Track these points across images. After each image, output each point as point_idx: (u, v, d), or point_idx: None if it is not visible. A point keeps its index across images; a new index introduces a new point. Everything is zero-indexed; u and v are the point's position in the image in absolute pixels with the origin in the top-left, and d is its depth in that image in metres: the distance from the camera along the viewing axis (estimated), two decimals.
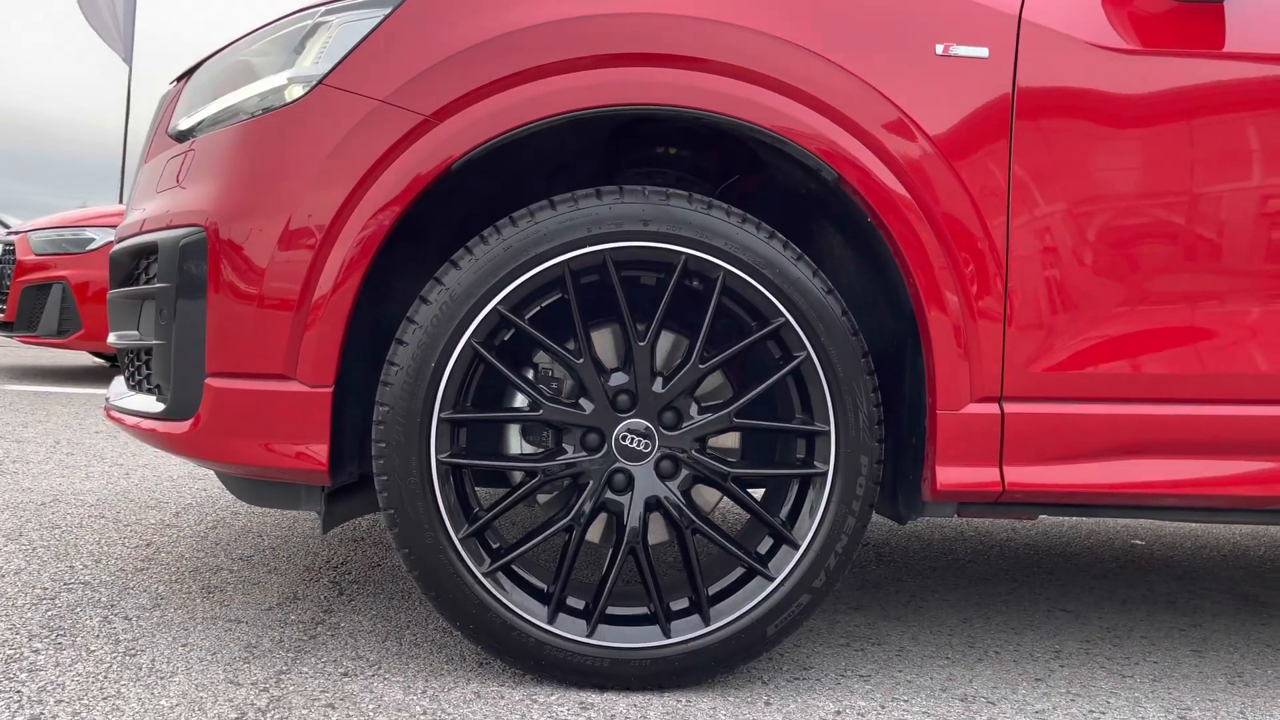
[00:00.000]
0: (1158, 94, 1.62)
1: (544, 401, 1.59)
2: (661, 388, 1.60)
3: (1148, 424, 1.67)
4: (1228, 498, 1.71)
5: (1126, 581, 2.46)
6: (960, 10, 1.61)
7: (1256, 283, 1.66)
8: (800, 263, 1.60)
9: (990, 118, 1.60)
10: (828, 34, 1.58)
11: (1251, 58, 1.63)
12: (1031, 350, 1.63)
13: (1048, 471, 1.66)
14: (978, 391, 1.63)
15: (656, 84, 1.55)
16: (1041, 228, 1.61)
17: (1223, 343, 1.67)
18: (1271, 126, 1.64)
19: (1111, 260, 1.63)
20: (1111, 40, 1.62)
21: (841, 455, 1.61)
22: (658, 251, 1.57)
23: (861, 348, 1.62)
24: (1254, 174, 1.65)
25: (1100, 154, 1.62)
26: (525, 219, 1.56)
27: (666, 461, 1.62)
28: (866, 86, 1.57)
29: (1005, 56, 1.61)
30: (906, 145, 1.58)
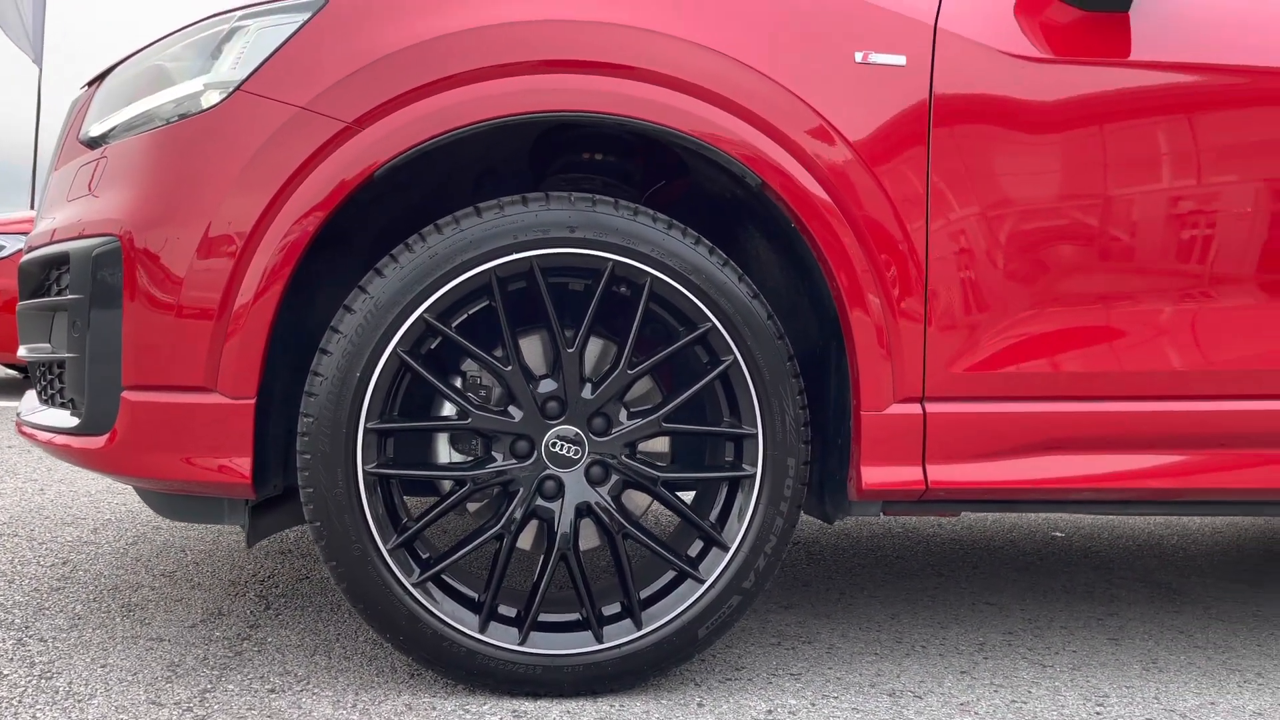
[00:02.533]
0: (1068, 100, 1.68)
1: (472, 410, 1.58)
2: (591, 394, 1.61)
3: (1064, 421, 1.72)
4: (1140, 490, 1.77)
5: (1047, 573, 2.53)
6: (878, 19, 1.64)
7: (1165, 282, 1.72)
8: (726, 268, 1.62)
9: (908, 123, 1.64)
10: (750, 41, 1.60)
11: (1155, 66, 1.69)
12: (952, 351, 1.67)
13: (969, 469, 1.70)
14: (900, 392, 1.67)
15: (580, 90, 1.55)
16: (959, 230, 1.65)
17: (1135, 341, 1.73)
18: (1176, 131, 1.70)
19: (1026, 262, 1.68)
20: (1024, 49, 1.67)
21: (769, 457, 1.63)
22: (585, 258, 1.57)
23: (787, 351, 1.64)
24: (1162, 177, 1.71)
25: (1014, 158, 1.67)
26: (451, 226, 1.55)
27: (597, 467, 1.62)
28: (788, 93, 1.60)
29: (922, 64, 1.64)
30: (828, 150, 1.61)
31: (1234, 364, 1.75)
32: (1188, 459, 1.78)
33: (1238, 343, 1.75)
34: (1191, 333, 1.74)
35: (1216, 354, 1.75)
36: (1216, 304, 1.74)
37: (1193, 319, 1.73)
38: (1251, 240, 1.73)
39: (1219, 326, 1.74)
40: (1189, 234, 1.72)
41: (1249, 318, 1.75)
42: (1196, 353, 1.74)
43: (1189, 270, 1.73)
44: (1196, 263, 1.73)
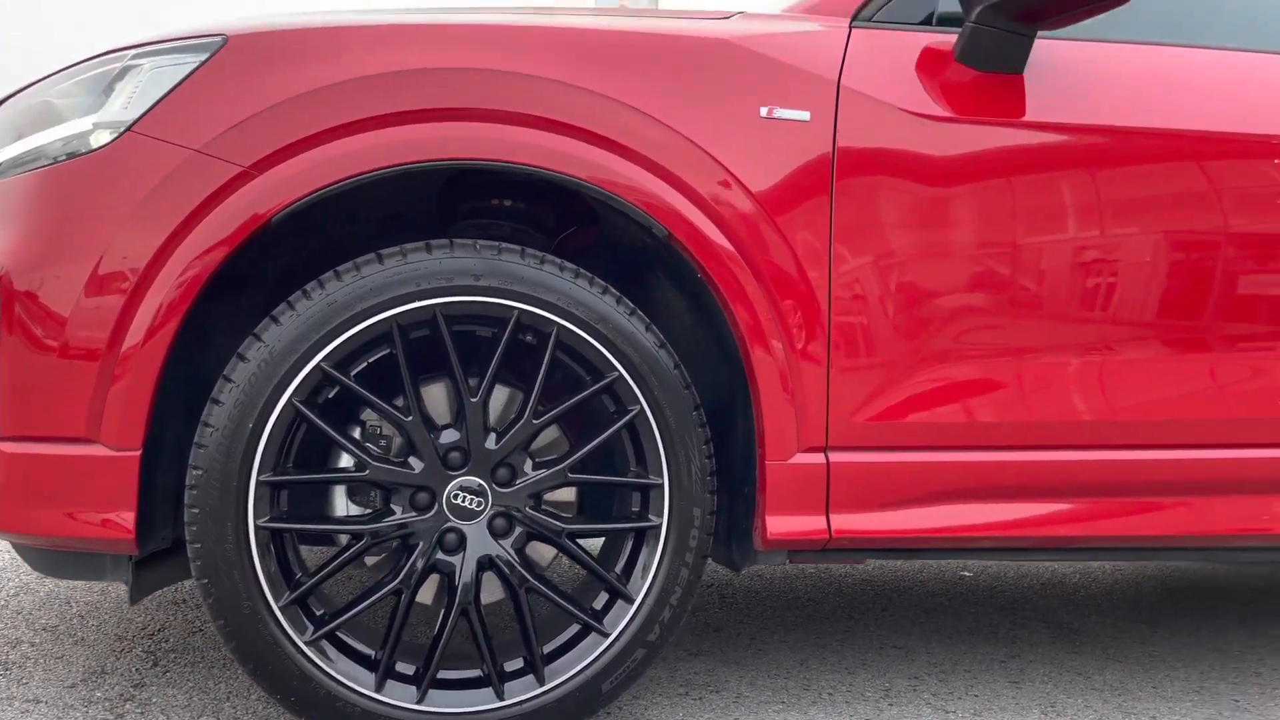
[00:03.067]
0: (965, 156, 1.72)
1: (370, 461, 1.54)
2: (495, 444, 1.58)
3: (965, 470, 1.75)
4: (1040, 538, 1.81)
5: (954, 614, 2.56)
6: (783, 76, 1.67)
7: (1062, 334, 1.77)
8: (634, 317, 1.61)
9: (812, 176, 1.66)
10: (658, 96, 1.61)
11: (1046, 126, 1.75)
12: (855, 400, 1.69)
13: (872, 518, 1.72)
14: (805, 442, 1.68)
15: (486, 139, 1.54)
16: (861, 281, 1.68)
17: (1033, 391, 1.77)
18: (1067, 187, 1.76)
19: (926, 312, 1.71)
20: (923, 106, 1.71)
21: (675, 508, 1.62)
22: (490, 306, 1.56)
23: (694, 400, 1.64)
24: (1056, 231, 1.76)
25: (915, 212, 1.70)
26: (351, 273, 1.52)
27: (500, 519, 1.60)
28: (695, 147, 1.61)
29: (826, 120, 1.67)
30: (732, 202, 1.62)
31: (1128, 414, 1.80)
32: (1086, 507, 1.82)
33: (1132, 393, 1.81)
34: (1088, 383, 1.79)
35: (1112, 404, 1.80)
36: (1111, 355, 1.79)
37: (1089, 369, 1.78)
38: (1142, 293, 1.79)
39: (1114, 377, 1.80)
40: (1084, 287, 1.78)
41: (1142, 368, 1.81)
42: (1093, 402, 1.79)
43: (1084, 322, 1.78)
44: (1091, 315, 1.78)
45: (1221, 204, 1.81)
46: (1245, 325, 1.85)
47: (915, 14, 1.81)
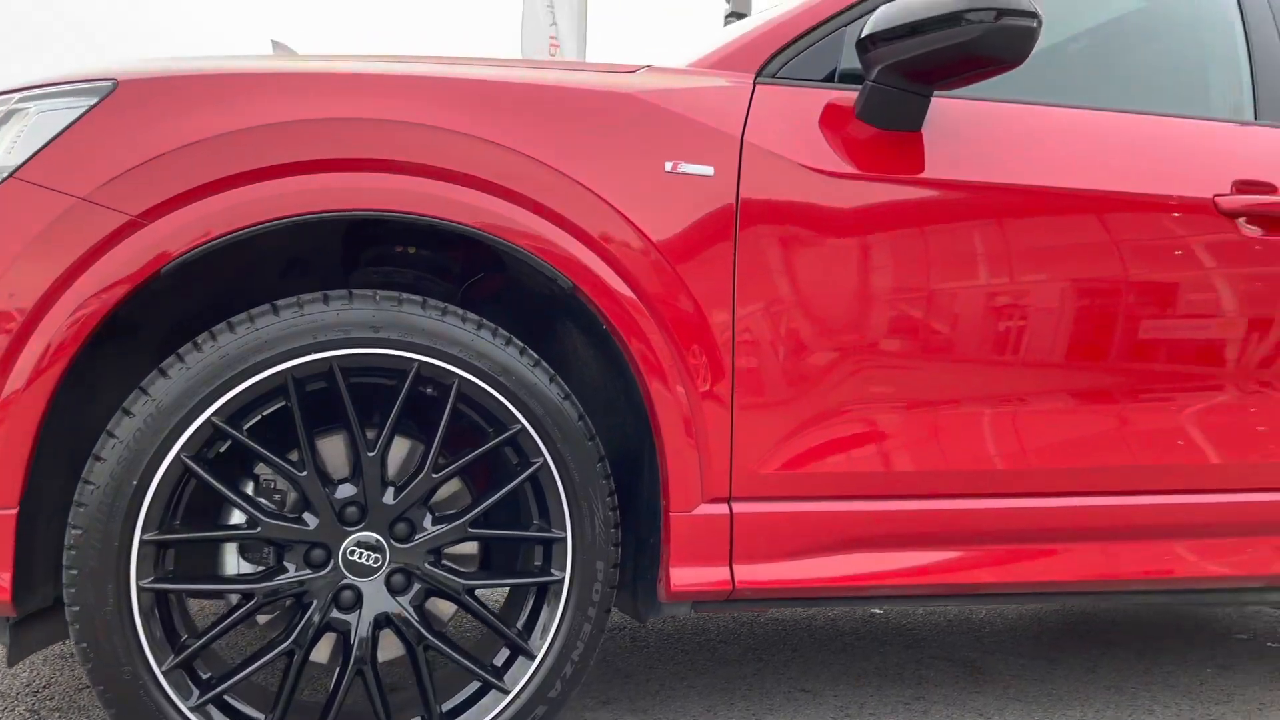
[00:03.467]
0: (865, 210, 1.76)
1: (261, 518, 1.50)
2: (393, 498, 1.55)
3: (866, 519, 1.78)
4: (940, 586, 1.84)
5: (862, 654, 2.59)
6: (688, 132, 1.68)
7: (958, 383, 1.81)
8: (537, 369, 1.60)
9: (716, 229, 1.68)
10: (563, 148, 1.61)
11: (942, 184, 1.80)
12: (759, 451, 1.71)
13: (775, 569, 1.73)
14: (709, 493, 1.69)
15: (388, 191, 1.52)
16: (764, 334, 1.70)
17: (932, 440, 1.80)
18: (962, 241, 1.80)
19: (828, 364, 1.74)
20: (824, 162, 1.75)
21: (578, 562, 1.61)
22: (389, 359, 1.53)
23: (598, 452, 1.63)
24: (954, 282, 1.81)
25: (817, 265, 1.73)
26: (244, 325, 1.48)
27: (398, 575, 1.57)
28: (599, 199, 1.61)
29: (729, 174, 1.69)
30: (637, 254, 1.63)
31: (1029, 462, 1.85)
32: (989, 554, 1.86)
33: (1032, 441, 1.86)
34: (989, 431, 1.83)
35: (1013, 452, 1.84)
36: (1010, 404, 1.84)
37: (989, 418, 1.83)
38: (1038, 344, 1.84)
39: (1014, 426, 1.84)
40: (981, 337, 1.82)
41: (1042, 418, 1.86)
42: (994, 451, 1.83)
43: (983, 372, 1.83)
44: (989, 364, 1.83)
45: (1110, 259, 1.88)
46: (1141, 376, 1.91)
47: (819, 71, 1.85)
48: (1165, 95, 2.15)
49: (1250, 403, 1.99)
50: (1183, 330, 1.93)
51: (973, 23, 1.66)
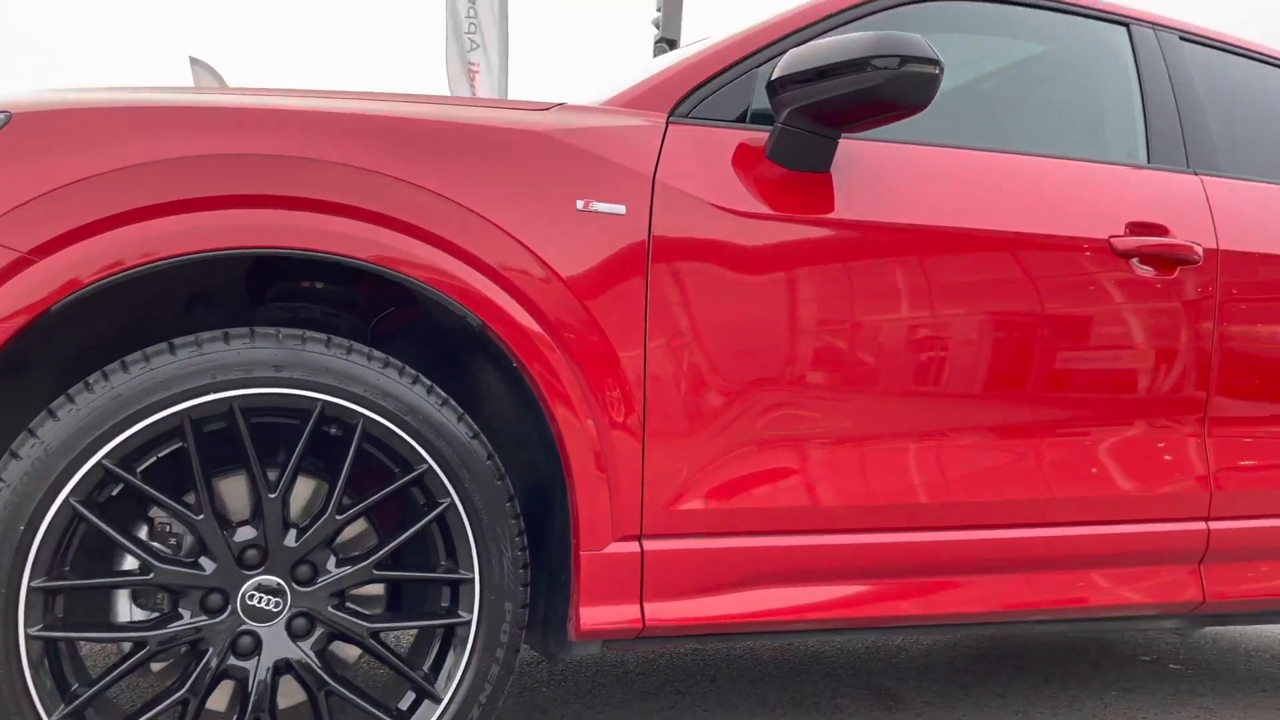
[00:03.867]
0: (774, 248, 1.78)
1: (155, 563, 1.45)
2: (295, 541, 1.52)
3: (776, 555, 1.79)
4: (849, 620, 1.86)
5: (780, 683, 2.61)
6: (600, 171, 1.69)
7: (869, 419, 1.84)
8: (445, 407, 1.59)
9: (628, 267, 1.69)
10: (475, 188, 1.61)
11: (849, 225, 1.83)
12: (670, 488, 1.71)
13: (687, 606, 1.73)
14: (620, 530, 1.69)
15: (283, 227, 1.50)
16: (676, 373, 1.71)
17: (845, 475, 1.83)
18: (869, 280, 1.84)
19: (739, 400, 1.75)
20: (735, 202, 1.77)
21: (486, 603, 1.60)
22: (292, 398, 1.51)
23: (508, 492, 1.62)
24: (861, 320, 1.84)
25: (728, 304, 1.75)
26: (139, 364, 1.45)
27: (300, 619, 1.53)
28: (509, 237, 1.61)
29: (641, 213, 1.71)
30: (548, 292, 1.63)
31: (940, 496, 1.89)
32: (902, 588, 1.90)
33: (942, 476, 1.89)
34: (900, 467, 1.87)
35: (923, 487, 1.88)
36: (919, 440, 1.88)
37: (899, 454, 1.86)
38: (946, 380, 1.89)
39: (924, 461, 1.88)
40: (889, 374, 1.86)
41: (951, 453, 1.90)
42: (905, 486, 1.87)
43: (892, 408, 1.86)
44: (897, 401, 1.87)
45: (1011, 298, 1.94)
46: (1040, 411, 1.97)
47: (731, 112, 1.88)
48: (1064, 138, 2.23)
49: (1149, 436, 2.06)
50: (1079, 366, 1.99)
51: (878, 69, 1.70)
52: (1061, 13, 2.28)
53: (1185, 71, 2.33)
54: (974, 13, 2.21)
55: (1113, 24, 2.33)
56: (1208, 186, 2.18)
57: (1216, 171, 2.23)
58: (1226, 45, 2.46)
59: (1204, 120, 2.29)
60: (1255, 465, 2.15)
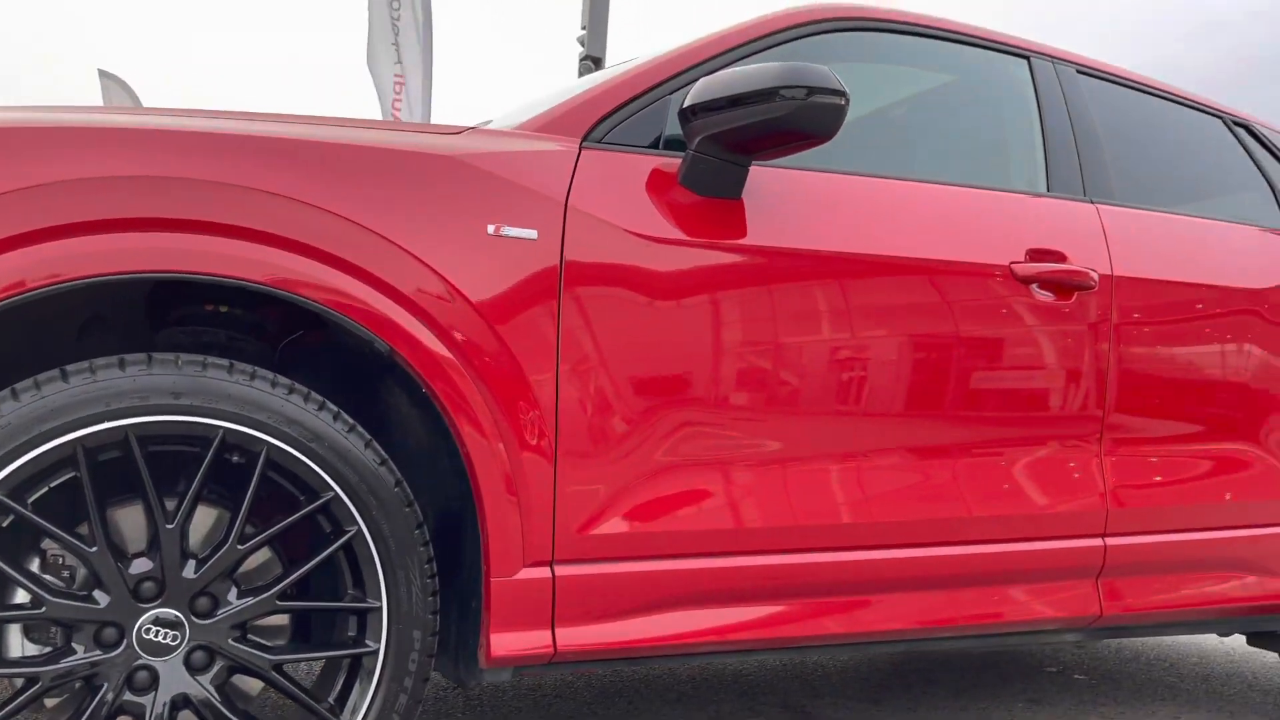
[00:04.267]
0: (685, 274, 1.80)
1: (46, 596, 1.40)
2: (194, 572, 1.49)
3: (693, 577, 1.80)
4: (760, 640, 1.88)
5: (698, 703, 2.62)
6: (511, 196, 1.69)
7: (778, 441, 1.86)
8: (352, 434, 1.57)
9: (539, 292, 1.69)
10: (381, 212, 1.59)
11: (760, 251, 1.86)
12: (582, 513, 1.71)
13: (599, 630, 1.73)
14: (531, 556, 1.68)
15: (187, 251, 1.46)
16: (588, 398, 1.71)
17: (757, 497, 1.85)
18: (778, 304, 1.86)
19: (651, 423, 1.76)
20: (647, 228, 1.78)
21: (394, 631, 1.57)
22: (192, 426, 1.47)
23: (416, 518, 1.61)
24: (772, 344, 1.86)
25: (639, 328, 1.76)
26: (30, 392, 1.40)
27: (199, 652, 1.49)
28: (418, 262, 1.60)
29: (553, 238, 1.71)
30: (458, 317, 1.62)
31: (851, 517, 1.92)
32: (814, 607, 1.92)
33: (852, 496, 1.93)
34: (809, 488, 1.89)
35: (832, 508, 1.91)
36: (827, 461, 1.91)
37: (808, 475, 1.89)
38: (856, 403, 1.92)
39: (833, 482, 1.91)
40: (799, 397, 1.89)
41: (860, 474, 1.93)
42: (814, 507, 1.89)
43: (800, 429, 1.89)
44: (806, 422, 1.89)
45: (917, 322, 1.98)
46: (953, 432, 2.02)
47: (644, 137, 1.90)
48: (968, 167, 2.30)
49: (1050, 455, 2.13)
50: (983, 389, 2.05)
51: (786, 99, 1.73)
52: (965, 45, 2.35)
53: (1082, 104, 2.43)
54: (881, 43, 2.27)
55: (1014, 57, 2.41)
56: (1103, 215, 2.27)
57: (1111, 200, 2.33)
58: (1120, 79, 2.57)
59: (1099, 150, 2.38)
60: (1150, 483, 2.24)
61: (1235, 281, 2.38)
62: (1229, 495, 2.32)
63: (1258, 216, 2.66)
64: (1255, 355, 2.36)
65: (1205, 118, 2.76)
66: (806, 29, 2.12)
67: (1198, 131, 2.73)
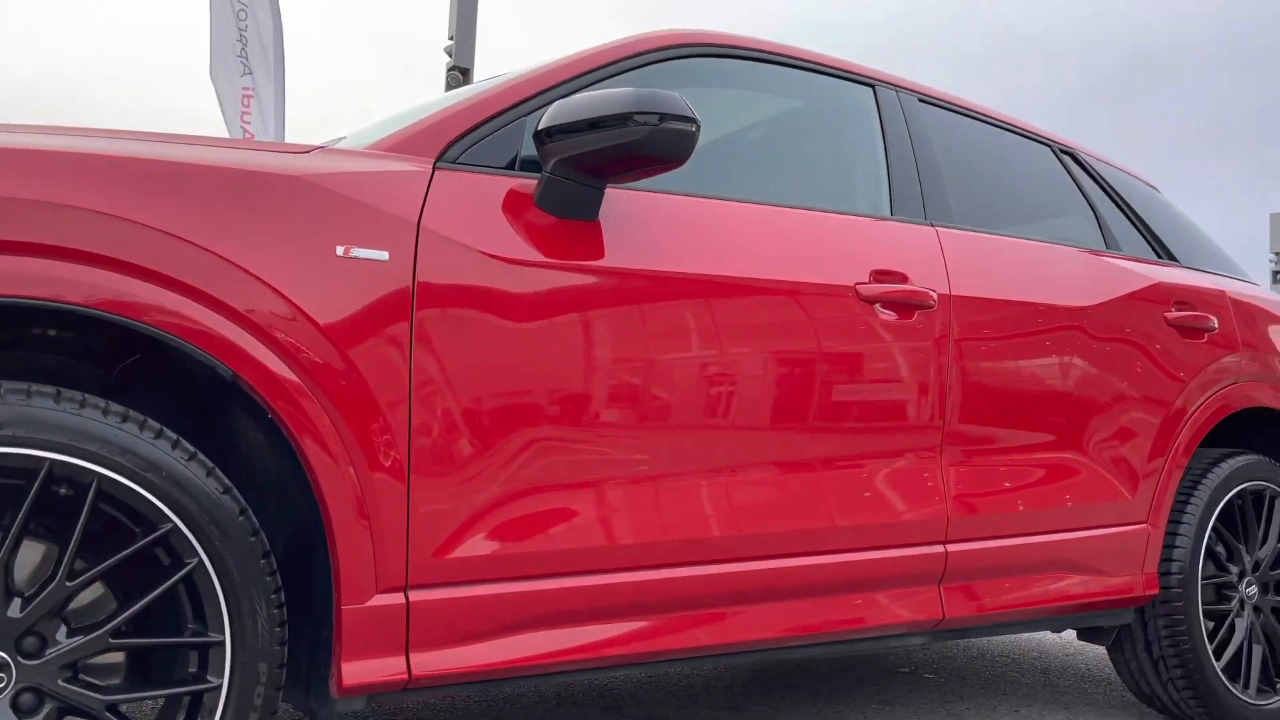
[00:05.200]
0: (540, 296, 1.80)
1: None
2: (19, 611, 1.41)
3: (549, 597, 1.81)
4: (621, 656, 1.90)
5: (562, 718, 2.63)
6: (361, 217, 1.67)
7: (631, 461, 1.89)
8: (193, 462, 1.52)
9: (391, 314, 1.67)
10: (223, 233, 1.55)
11: (615, 273, 1.89)
12: (436, 536, 1.70)
13: (454, 654, 1.72)
14: (384, 582, 1.66)
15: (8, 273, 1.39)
16: (441, 420, 1.70)
17: (611, 516, 1.87)
18: (633, 326, 1.89)
19: (505, 445, 1.76)
20: (502, 249, 1.79)
21: (238, 665, 1.53)
22: (14, 458, 1.40)
23: (262, 548, 1.57)
24: (626, 365, 1.88)
25: (494, 350, 1.75)
26: None
27: (27, 695, 1.42)
28: (264, 286, 1.56)
29: (405, 259, 1.69)
30: (305, 340, 1.58)
31: (698, 533, 1.96)
32: (674, 622, 1.95)
33: (705, 512, 1.97)
34: (663, 505, 1.93)
35: (688, 523, 1.95)
36: (682, 478, 1.95)
37: (660, 493, 1.92)
38: (702, 422, 1.97)
39: (688, 498, 1.95)
40: (656, 417, 1.92)
41: (714, 489, 1.98)
42: (669, 523, 1.92)
43: (656, 449, 1.92)
44: (662, 442, 1.93)
45: (767, 342, 2.05)
46: (811, 447, 2.09)
47: (500, 158, 1.91)
48: (817, 191, 2.39)
49: (896, 466, 2.23)
50: (832, 405, 2.13)
51: (639, 125, 1.77)
52: (813, 72, 2.44)
53: (924, 131, 2.56)
54: (735, 70, 2.34)
55: (860, 84, 2.52)
56: (942, 237, 2.39)
57: (950, 223, 2.46)
58: (959, 108, 2.72)
59: (939, 176, 2.51)
60: (987, 491, 2.37)
61: (1062, 300, 2.54)
62: (1059, 501, 2.48)
63: (1082, 239, 2.85)
64: (1080, 369, 2.53)
65: (1036, 145, 2.95)
66: (662, 54, 2.17)
67: (1029, 158, 2.91)
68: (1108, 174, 3.10)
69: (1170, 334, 2.74)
